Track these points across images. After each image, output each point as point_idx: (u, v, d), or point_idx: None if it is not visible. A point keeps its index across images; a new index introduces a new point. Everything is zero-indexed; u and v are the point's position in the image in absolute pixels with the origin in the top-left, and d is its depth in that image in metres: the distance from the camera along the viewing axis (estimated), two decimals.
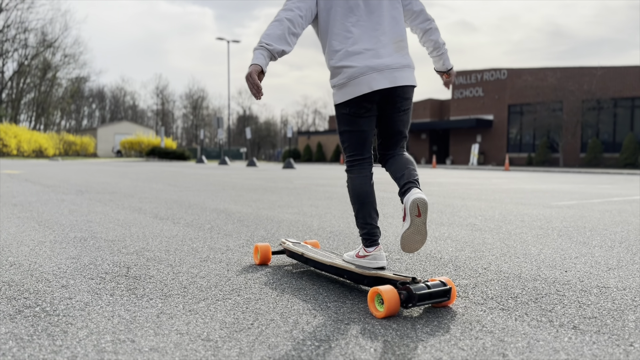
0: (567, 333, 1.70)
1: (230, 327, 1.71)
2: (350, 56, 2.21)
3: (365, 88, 2.19)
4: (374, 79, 2.20)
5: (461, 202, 6.44)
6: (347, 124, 2.29)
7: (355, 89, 2.20)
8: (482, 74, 34.70)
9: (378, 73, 2.20)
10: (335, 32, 2.25)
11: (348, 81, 2.21)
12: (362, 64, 2.19)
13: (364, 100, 2.22)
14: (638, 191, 9.14)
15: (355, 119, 2.27)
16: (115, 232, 3.67)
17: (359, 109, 2.25)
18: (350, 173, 2.34)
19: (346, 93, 2.23)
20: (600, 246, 3.37)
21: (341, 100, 2.26)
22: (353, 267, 2.20)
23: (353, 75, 2.20)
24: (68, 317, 1.80)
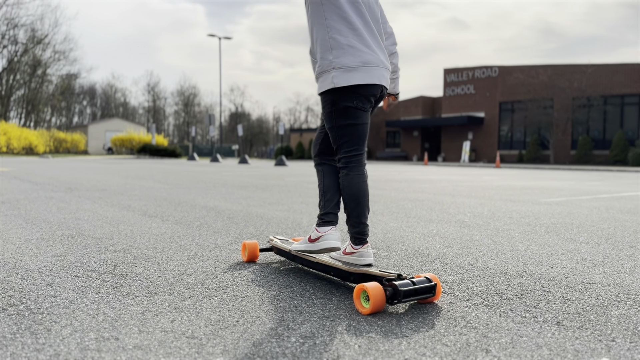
0: (551, 329, 1.71)
1: (216, 325, 1.71)
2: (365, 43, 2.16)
3: (376, 79, 2.17)
4: (383, 74, 2.21)
5: (451, 199, 6.46)
6: (351, 117, 2.19)
7: (367, 76, 2.13)
8: (474, 71, 34.81)
9: (385, 70, 2.22)
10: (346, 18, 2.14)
11: (362, 66, 2.12)
12: (377, 56, 2.18)
13: (370, 93, 2.19)
14: (627, 188, 9.22)
15: (360, 112, 2.21)
16: (103, 230, 3.65)
17: (365, 102, 2.20)
18: (349, 170, 2.25)
19: (355, 77, 2.12)
20: (587, 242, 3.40)
21: (347, 83, 2.13)
22: (340, 265, 2.21)
23: (369, 62, 2.14)
24: (52, 315, 1.79)
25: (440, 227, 4.01)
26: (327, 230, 2.32)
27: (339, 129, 2.22)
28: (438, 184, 9.81)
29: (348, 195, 2.25)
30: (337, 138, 2.25)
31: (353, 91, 2.15)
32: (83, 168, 14.99)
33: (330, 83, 2.16)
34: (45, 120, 62.32)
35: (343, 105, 2.18)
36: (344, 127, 2.21)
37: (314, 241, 2.35)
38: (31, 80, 55.21)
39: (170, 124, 79.06)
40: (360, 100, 2.17)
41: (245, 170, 15.94)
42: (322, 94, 2.24)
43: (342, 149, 2.25)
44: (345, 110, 2.19)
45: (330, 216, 2.34)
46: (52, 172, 12.27)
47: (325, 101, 2.23)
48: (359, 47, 2.14)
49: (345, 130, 2.21)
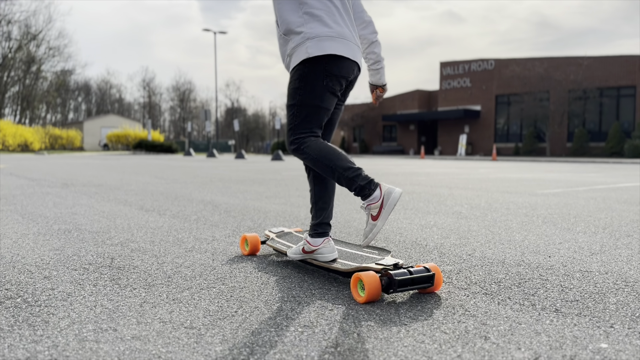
0: (549, 316, 1.72)
1: (214, 315, 1.71)
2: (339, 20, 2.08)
3: (350, 54, 2.05)
4: (357, 52, 2.12)
5: (448, 191, 6.47)
6: (317, 97, 2.05)
7: (342, 47, 2.03)
8: (470, 64, 34.79)
9: (358, 49, 2.14)
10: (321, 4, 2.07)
11: (337, 36, 2.03)
12: (350, 33, 2.09)
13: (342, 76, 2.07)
14: (623, 179, 9.24)
15: (328, 94, 2.07)
16: (100, 224, 3.64)
17: (336, 84, 2.08)
18: (306, 148, 2.08)
19: (331, 46, 2.01)
20: (584, 232, 3.41)
21: (321, 52, 2.00)
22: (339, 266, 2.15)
23: (344, 35, 2.05)
24: (50, 307, 1.78)
25: (437, 219, 4.01)
26: (321, 243, 2.21)
27: (300, 107, 2.06)
28: (435, 176, 9.82)
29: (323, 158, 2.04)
30: (295, 116, 2.08)
31: (325, 69, 2.02)
32: (79, 164, 14.95)
33: (304, 53, 2.02)
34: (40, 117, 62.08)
35: (312, 82, 2.03)
36: (307, 106, 2.05)
37: (308, 253, 2.25)
38: (26, 76, 54.95)
39: (166, 120, 78.86)
40: (330, 80, 2.04)
41: (242, 165, 15.92)
42: (292, 70, 2.09)
43: (299, 129, 2.09)
44: (313, 88, 2.04)
45: (323, 227, 2.23)
46: (48, 168, 12.23)
47: (293, 76, 2.08)
48: (333, 20, 2.05)
49: (308, 109, 2.06)
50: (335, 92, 2.10)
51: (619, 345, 1.46)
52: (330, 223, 2.27)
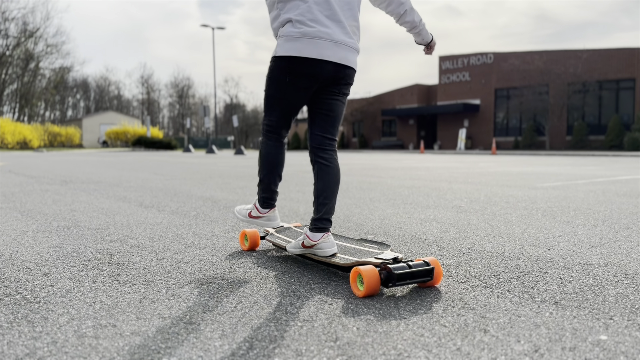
0: (549, 308, 1.72)
1: (213, 310, 1.71)
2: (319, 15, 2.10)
3: (315, 53, 2.08)
4: (328, 48, 2.11)
5: (447, 185, 6.47)
6: (279, 89, 2.19)
7: (304, 48, 2.08)
8: (469, 58, 34.72)
9: (334, 44, 2.12)
10: None
11: (301, 37, 2.09)
12: (325, 30, 2.10)
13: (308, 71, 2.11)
14: (622, 172, 9.24)
15: (289, 87, 2.17)
16: (99, 221, 3.64)
17: (302, 81, 2.14)
18: (267, 139, 2.34)
19: (294, 48, 2.09)
20: (584, 225, 3.41)
21: (284, 53, 2.11)
22: (338, 261, 2.15)
23: (310, 34, 2.08)
24: (49, 304, 1.78)
25: (437, 213, 4.01)
26: (320, 237, 2.20)
27: (266, 97, 2.27)
28: (434, 171, 9.82)
29: (265, 161, 2.34)
30: (264, 104, 2.30)
31: (288, 66, 2.12)
32: (78, 161, 14.94)
33: (274, 51, 2.18)
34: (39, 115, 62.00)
35: (277, 77, 2.18)
36: (270, 96, 2.25)
37: (307, 248, 2.25)
38: (24, 74, 54.82)
39: (165, 116, 78.75)
40: (294, 77, 2.13)
41: (241, 161, 15.91)
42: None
43: (265, 116, 2.32)
44: (278, 81, 2.18)
45: (324, 222, 2.23)
46: (47, 165, 12.22)
47: (269, 67, 2.25)
48: (301, 18, 2.09)
49: (270, 100, 2.26)
50: (301, 89, 2.17)
51: (619, 337, 1.46)
52: (330, 219, 2.26)
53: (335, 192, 2.27)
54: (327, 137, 2.26)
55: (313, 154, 2.27)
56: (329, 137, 2.27)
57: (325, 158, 2.25)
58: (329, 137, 2.27)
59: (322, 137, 2.25)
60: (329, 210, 2.25)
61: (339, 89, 2.24)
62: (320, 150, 2.25)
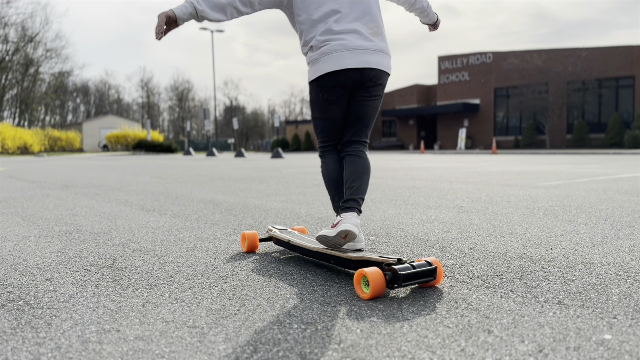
0: (552, 308, 1.71)
1: (217, 314, 1.71)
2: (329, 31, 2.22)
3: (336, 65, 2.20)
4: (347, 57, 2.22)
5: (448, 185, 6.47)
6: (319, 110, 2.33)
7: (326, 66, 2.21)
8: (468, 58, 34.73)
9: (350, 51, 2.21)
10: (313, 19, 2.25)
11: (320, 57, 2.23)
12: (336, 42, 2.21)
13: (335, 82, 2.23)
14: (623, 170, 9.24)
15: (326, 105, 2.31)
16: (101, 225, 3.64)
17: (332, 94, 2.27)
18: (326, 157, 2.43)
19: (319, 69, 2.24)
20: (586, 223, 3.40)
21: (314, 76, 2.27)
22: (339, 253, 2.19)
23: (326, 51, 2.22)
24: (52, 309, 1.78)
25: (438, 213, 4.01)
26: (348, 214, 2.19)
27: (314, 120, 2.41)
28: (435, 171, 9.82)
29: (330, 179, 2.41)
30: (314, 128, 2.44)
31: (318, 84, 2.27)
32: (79, 166, 14.94)
33: (308, 77, 2.34)
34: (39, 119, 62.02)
35: (315, 98, 2.33)
36: (316, 118, 2.38)
37: (334, 226, 2.21)
38: (24, 79, 54.85)
39: (165, 120, 78.79)
40: (326, 92, 2.27)
41: (241, 163, 15.92)
42: None
43: (318, 139, 2.44)
44: (316, 102, 2.33)
45: (350, 203, 2.22)
46: (48, 170, 12.23)
47: (309, 93, 2.40)
48: (315, 43, 2.24)
49: (317, 121, 2.39)
50: (334, 101, 2.29)
51: (623, 336, 1.46)
52: (359, 200, 2.24)
53: (362, 177, 2.28)
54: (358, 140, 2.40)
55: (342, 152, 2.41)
56: (361, 140, 2.40)
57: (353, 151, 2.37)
58: (361, 140, 2.40)
59: (353, 141, 2.39)
60: (356, 192, 2.24)
61: (369, 92, 2.32)
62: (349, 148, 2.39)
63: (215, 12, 2.20)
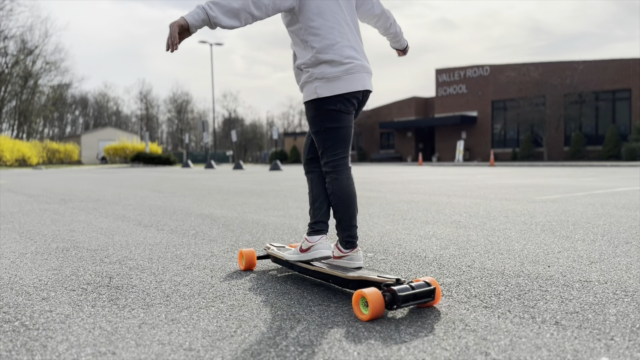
0: (549, 329, 1.71)
1: (213, 336, 1.70)
2: (348, 50, 2.22)
3: (359, 85, 2.22)
4: (365, 79, 2.26)
5: (446, 200, 6.47)
6: (335, 120, 2.23)
7: (350, 84, 2.20)
8: (465, 71, 34.92)
9: (367, 74, 2.27)
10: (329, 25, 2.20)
11: (343, 75, 2.19)
12: (358, 62, 2.24)
13: (353, 97, 2.25)
14: (621, 183, 9.26)
15: (344, 115, 2.26)
16: (98, 241, 3.63)
17: (349, 105, 2.26)
18: (337, 175, 2.28)
19: (337, 87, 2.19)
20: (583, 240, 3.41)
21: (330, 93, 2.19)
22: (338, 272, 2.19)
23: (350, 70, 2.20)
24: (48, 330, 1.77)
25: (436, 229, 4.01)
26: (318, 239, 2.33)
27: (324, 132, 2.25)
28: (433, 184, 9.83)
29: (338, 200, 2.28)
30: (322, 141, 2.27)
31: (336, 97, 2.22)
32: (77, 178, 14.93)
33: (313, 93, 2.22)
34: (37, 132, 62.03)
35: (327, 108, 2.22)
36: (329, 130, 2.24)
37: (305, 251, 2.36)
38: (23, 91, 54.93)
39: (164, 132, 78.88)
40: (343, 104, 2.22)
41: (240, 176, 15.91)
42: (306, 102, 2.30)
43: (328, 152, 2.27)
44: (329, 113, 2.23)
45: (320, 225, 2.36)
46: (45, 183, 12.21)
47: (309, 107, 2.28)
48: (338, 59, 2.20)
49: (330, 133, 2.25)
50: (350, 111, 2.27)
51: (620, 359, 1.45)
52: (327, 222, 2.38)
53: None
54: None
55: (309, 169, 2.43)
56: None
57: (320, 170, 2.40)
58: None
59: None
60: (325, 214, 2.37)
61: (357, 113, 2.38)
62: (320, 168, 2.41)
63: (229, 18, 2.08)
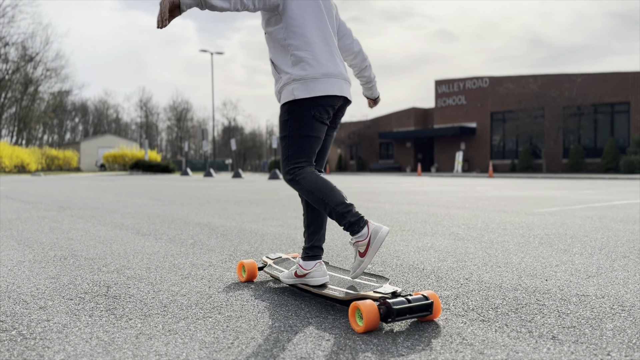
0: (546, 344, 1.71)
1: (210, 347, 1.70)
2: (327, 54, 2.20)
3: (337, 90, 2.18)
4: (342, 85, 2.22)
5: (445, 211, 6.48)
6: (305, 126, 2.16)
7: (327, 87, 2.15)
8: (464, 82, 35.06)
9: (345, 82, 2.25)
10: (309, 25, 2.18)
11: (321, 77, 2.15)
12: (337, 68, 2.21)
13: (329, 105, 2.19)
14: (619, 196, 9.27)
15: (317, 123, 2.18)
16: (96, 250, 3.63)
17: (324, 113, 2.19)
18: (301, 179, 2.18)
19: (315, 89, 2.13)
20: (581, 253, 3.41)
21: (307, 95, 2.13)
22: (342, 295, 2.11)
23: (328, 74, 2.17)
24: (45, 340, 1.77)
25: (434, 240, 4.01)
26: (313, 266, 2.26)
27: (291, 138, 2.18)
28: (432, 195, 9.83)
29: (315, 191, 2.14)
30: (286, 148, 2.20)
31: (312, 101, 2.15)
32: (75, 186, 14.92)
33: (290, 95, 2.16)
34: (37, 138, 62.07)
35: (300, 112, 2.16)
36: (297, 137, 2.17)
37: (300, 277, 2.30)
38: (23, 98, 55.03)
39: (163, 139, 78.96)
40: (318, 110, 2.16)
41: (239, 184, 15.91)
42: (281, 105, 2.23)
43: (291, 160, 2.20)
44: (302, 118, 2.16)
45: (315, 250, 2.29)
46: (44, 190, 12.20)
47: (283, 110, 2.21)
48: (319, 59, 2.17)
49: (298, 140, 2.17)
50: (324, 120, 2.21)
51: None
52: (322, 247, 2.34)
53: (325, 219, 2.35)
54: (318, 170, 2.38)
55: None
56: (318, 169, 2.39)
57: None
58: (318, 169, 2.39)
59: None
60: (321, 238, 2.33)
61: (336, 122, 2.36)
62: None
63: (221, 1, 2.06)
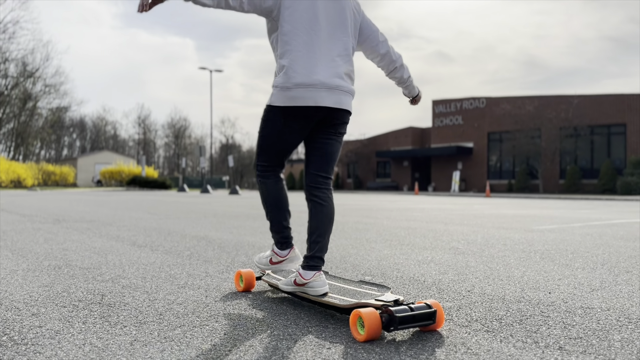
0: (553, 354, 1.67)
1: (207, 355, 1.65)
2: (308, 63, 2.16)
3: (311, 101, 2.15)
4: (321, 95, 2.17)
5: (444, 227, 6.43)
6: (275, 131, 2.24)
7: (298, 99, 2.14)
8: (462, 102, 35.28)
9: (327, 90, 2.18)
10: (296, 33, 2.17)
11: (294, 87, 2.14)
12: (315, 77, 2.16)
13: (303, 115, 2.17)
14: (617, 215, 9.25)
15: (285, 129, 2.23)
16: (91, 260, 3.57)
17: (294, 123, 2.20)
18: (264, 179, 2.39)
19: (286, 98, 2.14)
20: (583, 268, 3.37)
21: (280, 104, 2.17)
22: (337, 302, 2.09)
23: (302, 84, 2.14)
24: (37, 345, 1.71)
25: (434, 254, 3.97)
26: (312, 276, 2.20)
27: (261, 138, 2.31)
28: (430, 212, 9.79)
29: (268, 202, 2.40)
30: (259, 146, 2.34)
31: (284, 110, 2.19)
32: (72, 200, 14.83)
33: (269, 99, 2.24)
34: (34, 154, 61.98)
35: (273, 119, 2.23)
36: (266, 137, 2.29)
37: (299, 285, 2.24)
38: (21, 113, 55.04)
39: (161, 156, 78.92)
40: (288, 120, 2.20)
41: (236, 200, 15.85)
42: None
43: (259, 158, 2.37)
44: (273, 123, 2.23)
45: (316, 260, 2.24)
46: (40, 204, 12.12)
47: (264, 111, 2.30)
48: (294, 69, 2.15)
49: (266, 141, 2.29)
50: (296, 130, 2.23)
51: None
52: (323, 258, 2.28)
53: (328, 230, 2.30)
54: (322, 175, 2.31)
55: (308, 192, 2.32)
56: (324, 175, 2.32)
57: (320, 196, 2.30)
58: (324, 175, 2.32)
59: (317, 175, 2.31)
60: (322, 249, 2.28)
61: (335, 129, 2.31)
62: (314, 189, 2.31)
63: None
